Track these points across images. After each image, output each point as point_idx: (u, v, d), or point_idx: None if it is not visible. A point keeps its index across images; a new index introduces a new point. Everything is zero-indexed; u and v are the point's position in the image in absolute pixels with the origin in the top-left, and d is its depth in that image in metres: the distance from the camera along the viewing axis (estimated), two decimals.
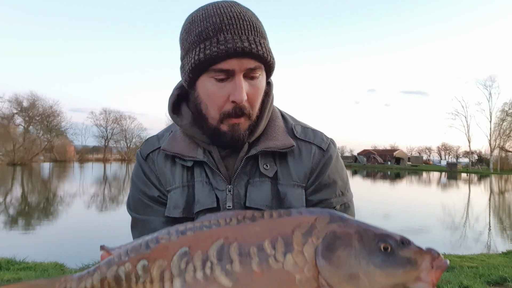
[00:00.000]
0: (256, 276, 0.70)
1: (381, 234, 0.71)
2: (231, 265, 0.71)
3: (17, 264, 5.97)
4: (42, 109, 63.17)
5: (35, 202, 16.99)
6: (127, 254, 0.77)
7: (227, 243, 0.73)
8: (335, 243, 0.71)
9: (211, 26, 0.96)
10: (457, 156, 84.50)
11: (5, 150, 53.63)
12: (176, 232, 0.76)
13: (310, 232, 0.72)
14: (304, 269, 0.70)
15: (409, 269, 0.68)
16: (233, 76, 0.96)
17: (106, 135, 76.71)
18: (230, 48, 0.93)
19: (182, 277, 0.72)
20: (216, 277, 0.71)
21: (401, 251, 0.70)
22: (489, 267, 5.86)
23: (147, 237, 0.78)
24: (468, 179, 44.03)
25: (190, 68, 0.99)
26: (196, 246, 0.74)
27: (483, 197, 23.52)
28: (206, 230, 0.75)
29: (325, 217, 0.74)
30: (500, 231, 11.79)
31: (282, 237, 0.72)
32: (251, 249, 0.72)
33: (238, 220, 0.76)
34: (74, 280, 0.80)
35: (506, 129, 58.97)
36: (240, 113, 0.98)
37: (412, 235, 4.64)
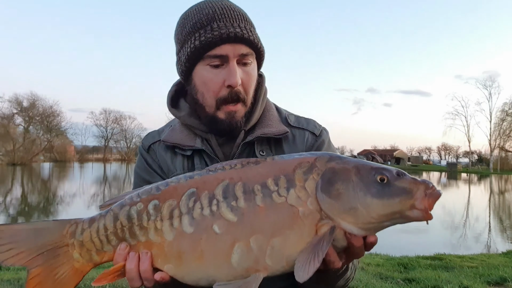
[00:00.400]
0: (260, 211, 0.74)
1: (377, 168, 0.75)
2: (236, 202, 0.75)
3: None
4: (42, 109, 63.32)
5: (35, 202, 16.98)
6: (139, 196, 0.82)
7: (232, 183, 0.78)
8: (334, 177, 0.75)
9: (205, 16, 1.02)
10: (457, 156, 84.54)
11: (5, 150, 53.64)
12: (184, 177, 0.82)
13: (311, 170, 0.77)
14: (307, 202, 0.74)
15: (404, 197, 0.72)
16: (227, 62, 1.01)
17: (106, 135, 76.81)
18: (224, 33, 0.98)
19: (190, 214, 0.77)
20: (222, 213, 0.75)
21: (396, 182, 0.73)
22: (489, 267, 5.86)
23: (158, 183, 0.84)
24: (468, 179, 44.02)
25: (187, 57, 1.03)
26: (203, 187, 0.79)
27: (483, 197, 23.52)
28: (212, 174, 0.81)
29: (324, 157, 0.79)
30: (500, 231, 11.79)
31: (284, 175, 0.77)
32: (255, 187, 0.76)
33: (242, 165, 0.81)
34: (86, 222, 0.83)
35: (506, 129, 58.94)
36: (236, 97, 1.02)
37: (412, 235, 4.67)
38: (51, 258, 0.81)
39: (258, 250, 0.73)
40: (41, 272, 0.80)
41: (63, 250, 0.82)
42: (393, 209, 0.73)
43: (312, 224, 0.74)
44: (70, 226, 0.82)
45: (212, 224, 0.75)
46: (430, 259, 6.61)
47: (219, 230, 0.75)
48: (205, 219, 0.76)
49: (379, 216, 0.73)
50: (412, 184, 0.73)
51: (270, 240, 0.73)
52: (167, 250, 0.77)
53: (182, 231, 0.77)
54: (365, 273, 5.25)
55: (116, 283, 4.51)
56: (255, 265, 0.74)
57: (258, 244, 0.73)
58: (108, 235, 0.81)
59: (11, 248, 0.80)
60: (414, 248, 7.53)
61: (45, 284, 0.80)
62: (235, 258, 0.74)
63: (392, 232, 10.40)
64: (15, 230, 0.82)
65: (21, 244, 0.80)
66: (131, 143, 77.62)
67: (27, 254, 0.80)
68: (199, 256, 0.76)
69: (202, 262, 0.75)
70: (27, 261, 0.80)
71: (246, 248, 0.73)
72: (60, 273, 0.81)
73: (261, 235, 0.73)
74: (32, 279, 0.80)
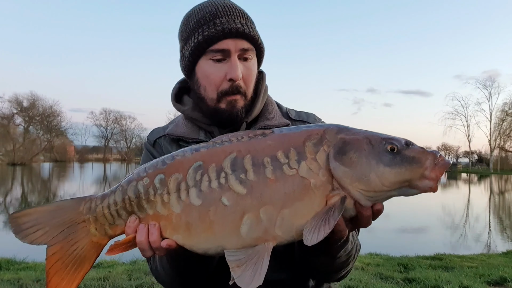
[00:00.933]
0: (270, 183, 0.75)
1: (387, 137, 0.78)
2: (245, 174, 0.76)
3: (17, 264, 5.97)
4: (42, 109, 63.29)
5: (35, 202, 16.97)
6: (145, 171, 0.84)
7: (240, 156, 0.78)
8: (346, 147, 0.76)
9: (208, 14, 1.07)
10: (457, 156, 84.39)
11: (5, 150, 53.67)
12: (190, 150, 0.83)
13: (321, 142, 0.78)
14: (319, 173, 0.75)
15: (414, 166, 0.74)
16: (229, 57, 1.05)
17: (106, 135, 76.79)
18: (226, 29, 1.03)
19: (197, 187, 0.78)
20: (230, 185, 0.76)
21: (406, 151, 0.75)
22: (489, 267, 5.87)
23: (163, 156, 0.85)
24: (468, 179, 44.04)
25: (190, 51, 1.07)
26: (209, 160, 0.79)
27: (483, 197, 23.52)
28: (219, 146, 0.81)
29: (333, 129, 0.80)
30: (500, 231, 11.79)
31: (294, 147, 0.78)
32: (264, 159, 0.77)
33: (249, 137, 0.81)
34: (99, 198, 0.86)
35: (506, 129, 58.89)
36: (236, 90, 1.06)
37: (412, 235, 4.67)
38: (71, 234, 0.84)
39: (268, 221, 0.75)
40: (61, 248, 0.84)
41: (81, 226, 0.85)
42: (404, 177, 0.74)
43: (323, 195, 0.75)
44: (85, 203, 0.86)
45: (220, 197, 0.76)
46: (430, 259, 6.62)
47: (228, 202, 0.76)
48: (213, 191, 0.77)
49: (390, 184, 0.74)
50: (422, 153, 0.75)
51: (280, 211, 0.75)
52: (175, 221, 0.79)
53: (189, 204, 0.78)
54: (365, 273, 5.25)
55: (115, 283, 4.52)
56: (264, 235, 0.75)
57: (268, 215, 0.75)
58: (118, 210, 0.84)
59: (37, 230, 0.84)
60: (414, 248, 7.53)
61: (65, 259, 0.83)
62: (244, 229, 0.75)
63: (392, 232, 10.43)
64: (39, 212, 0.86)
65: (45, 224, 0.84)
66: (131, 143, 77.65)
67: (50, 232, 0.84)
68: (207, 227, 0.77)
69: (210, 233, 0.77)
70: (50, 239, 0.84)
71: (255, 219, 0.75)
72: (79, 248, 0.85)
73: (271, 206, 0.75)
74: (52, 255, 0.83)
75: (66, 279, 0.84)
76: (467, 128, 61.20)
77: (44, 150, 64.94)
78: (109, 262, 5.87)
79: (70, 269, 0.84)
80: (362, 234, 1.17)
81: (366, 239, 9.63)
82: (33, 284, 4.52)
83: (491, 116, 60.06)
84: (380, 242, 8.34)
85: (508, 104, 58.82)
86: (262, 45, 1.12)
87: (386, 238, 9.51)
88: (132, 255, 6.08)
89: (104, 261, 5.86)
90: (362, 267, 5.59)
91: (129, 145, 77.36)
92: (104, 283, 4.51)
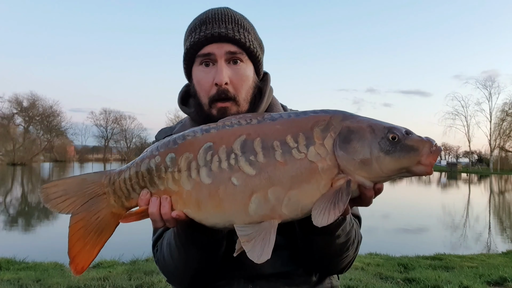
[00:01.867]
0: (279, 165, 0.80)
1: (389, 127, 0.83)
2: (255, 157, 0.81)
3: (17, 264, 5.97)
4: (42, 109, 63.29)
5: (35, 202, 16.97)
6: (157, 149, 0.89)
7: (250, 138, 0.82)
8: (350, 135, 0.82)
9: (198, 21, 1.12)
10: (457, 156, 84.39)
11: (5, 150, 53.68)
12: (200, 130, 0.87)
13: (328, 128, 0.83)
14: (326, 158, 0.80)
15: (412, 154, 0.80)
16: (216, 61, 1.08)
17: (106, 135, 76.75)
18: (208, 34, 1.08)
19: (208, 167, 0.82)
20: (240, 166, 0.80)
21: (406, 140, 0.81)
22: (489, 267, 5.88)
23: (174, 135, 0.89)
24: (468, 179, 44.04)
25: (183, 57, 1.14)
26: (220, 142, 0.83)
27: (483, 197, 23.52)
28: (229, 128, 0.85)
29: (338, 115, 0.85)
30: (500, 231, 11.79)
31: (303, 132, 0.82)
32: (274, 143, 0.81)
33: (258, 120, 0.85)
34: (116, 173, 0.92)
35: (506, 129, 58.80)
36: (224, 96, 1.07)
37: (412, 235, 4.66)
38: (93, 204, 0.91)
39: (275, 201, 0.79)
40: (84, 217, 0.90)
41: (102, 197, 0.91)
42: (402, 164, 0.80)
43: (329, 178, 0.80)
44: (106, 177, 0.92)
45: (230, 177, 0.80)
46: (430, 259, 6.62)
47: (237, 182, 0.80)
48: (223, 171, 0.81)
49: (389, 170, 0.80)
50: (419, 142, 0.81)
51: (287, 192, 0.79)
52: (185, 197, 0.84)
53: (200, 182, 0.82)
54: (365, 273, 5.25)
55: (115, 283, 4.52)
56: (271, 213, 0.80)
57: (275, 195, 0.79)
58: (132, 184, 0.90)
59: (65, 199, 0.91)
60: (414, 248, 7.53)
61: (89, 226, 0.90)
62: (252, 207, 0.80)
63: (392, 232, 10.42)
64: (66, 183, 0.93)
65: (71, 194, 0.91)
66: (131, 143, 77.63)
67: (76, 202, 0.91)
68: (217, 204, 0.82)
69: (220, 209, 0.82)
70: (76, 208, 0.90)
71: (263, 198, 0.79)
72: (101, 217, 0.91)
73: (279, 187, 0.79)
74: (76, 223, 0.90)
75: (89, 245, 0.90)
76: (467, 128, 61.16)
77: (44, 150, 64.95)
78: (109, 262, 5.88)
79: (92, 237, 0.90)
80: (362, 235, 1.17)
81: (366, 239, 9.50)
82: (33, 284, 4.52)
83: (491, 116, 60.03)
84: (380, 242, 8.34)
85: (508, 104, 58.80)
86: (253, 49, 1.12)
87: (386, 238, 9.51)
88: (132, 255, 6.09)
89: (104, 261, 5.87)
90: (362, 267, 5.59)
91: (129, 145, 77.34)
92: (104, 283, 4.51)
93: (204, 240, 0.97)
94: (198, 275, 1.06)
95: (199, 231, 0.93)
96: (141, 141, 75.18)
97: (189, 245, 0.99)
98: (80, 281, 4.57)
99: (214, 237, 0.97)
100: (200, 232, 0.93)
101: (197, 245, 0.98)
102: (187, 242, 0.98)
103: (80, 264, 0.90)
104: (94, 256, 0.91)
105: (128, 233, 1.16)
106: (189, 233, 0.96)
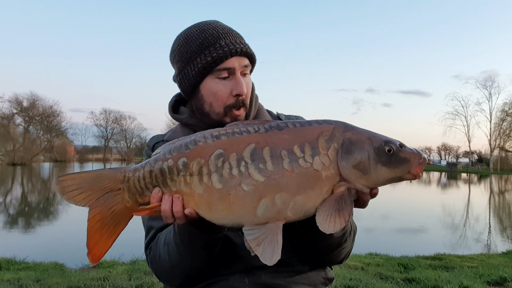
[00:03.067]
0: (287, 173, 0.87)
1: (386, 140, 0.91)
2: (264, 165, 0.87)
3: (17, 264, 5.97)
4: (42, 109, 63.29)
5: (35, 202, 17.00)
6: (170, 152, 0.94)
7: (259, 146, 0.89)
8: (351, 147, 0.90)
9: (210, 36, 1.18)
10: (457, 156, 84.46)
11: (5, 150, 53.68)
12: (211, 136, 0.93)
13: (332, 139, 0.90)
14: (330, 167, 0.88)
15: (405, 166, 0.90)
16: (233, 74, 1.17)
17: (106, 135, 76.82)
18: (232, 49, 1.16)
19: (219, 173, 0.88)
20: (250, 173, 0.87)
21: (400, 153, 0.90)
22: (489, 267, 5.88)
23: (186, 139, 0.95)
24: (468, 179, 44.05)
25: (197, 71, 1.17)
26: (230, 149, 0.89)
27: (483, 197, 23.53)
28: (238, 136, 0.91)
29: (340, 127, 0.93)
30: (500, 231, 11.79)
31: (309, 142, 0.89)
32: (282, 152, 0.88)
33: (266, 129, 0.92)
34: (131, 171, 0.98)
35: (506, 129, 58.81)
36: (242, 104, 1.18)
37: (412, 235, 4.67)
38: (110, 199, 0.97)
39: (282, 205, 0.87)
40: (101, 211, 0.96)
41: (117, 193, 0.97)
42: (396, 174, 0.90)
43: (331, 184, 0.88)
44: (120, 174, 0.98)
45: (240, 183, 0.87)
46: (430, 259, 6.62)
47: (247, 188, 0.87)
48: (233, 178, 0.87)
49: (385, 179, 0.90)
50: (411, 155, 0.90)
51: (294, 197, 0.87)
52: (197, 199, 0.91)
53: (211, 186, 0.89)
54: (365, 273, 5.25)
55: (115, 283, 4.51)
56: (277, 216, 0.87)
57: (282, 200, 0.86)
58: (146, 183, 0.95)
59: (81, 192, 0.96)
60: (414, 248, 7.53)
61: (105, 219, 0.96)
62: (260, 210, 0.87)
63: (392, 232, 10.42)
64: (82, 177, 0.98)
65: (87, 188, 0.96)
66: (131, 143, 77.71)
67: (92, 196, 0.96)
68: (227, 207, 0.88)
69: (230, 212, 0.88)
70: (92, 202, 0.96)
71: (271, 203, 0.86)
72: (116, 211, 0.97)
73: (286, 193, 0.86)
74: (93, 217, 0.96)
75: (105, 236, 0.96)
76: (467, 128, 61.18)
77: (44, 150, 64.95)
78: (109, 262, 5.88)
79: (108, 229, 0.97)
80: (362, 235, 1.19)
81: (366, 239, 9.59)
82: (33, 284, 4.52)
83: (491, 116, 60.05)
84: (380, 242, 8.34)
85: (508, 104, 58.81)
86: (256, 60, 1.25)
87: (386, 238, 9.51)
88: (132, 255, 6.08)
89: (104, 261, 5.86)
90: (362, 267, 5.59)
91: (129, 145, 77.42)
92: (104, 283, 4.51)
93: (204, 238, 1.01)
94: (192, 273, 1.11)
95: (201, 229, 0.99)
96: (141, 141, 75.28)
97: (188, 243, 1.03)
98: (80, 281, 4.57)
99: (213, 237, 1.02)
100: (201, 230, 0.99)
101: (196, 243, 1.03)
102: (187, 240, 1.03)
103: (97, 253, 0.97)
104: (109, 246, 0.97)
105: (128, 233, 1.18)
106: (192, 232, 1.01)
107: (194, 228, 0.99)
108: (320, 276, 1.20)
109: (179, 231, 1.04)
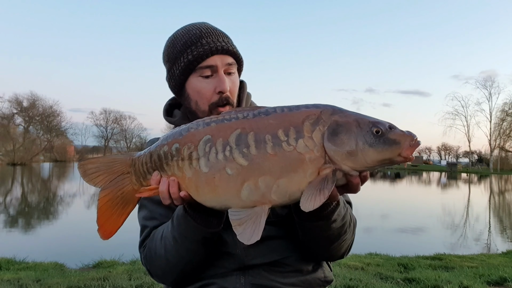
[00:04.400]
0: (270, 157, 0.88)
1: (374, 121, 0.89)
2: (248, 149, 0.89)
3: (17, 264, 5.98)
4: (42, 109, 63.12)
5: (35, 202, 17.00)
6: (167, 139, 1.01)
7: (244, 132, 0.90)
8: (338, 129, 0.88)
9: (193, 36, 1.21)
10: (457, 156, 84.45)
11: (5, 150, 53.65)
12: (203, 123, 0.97)
13: (317, 122, 0.89)
14: (314, 150, 0.88)
15: (394, 147, 0.87)
16: (217, 72, 1.19)
17: (106, 135, 76.70)
18: (213, 47, 1.19)
19: (206, 157, 0.92)
20: (234, 157, 0.89)
21: (389, 134, 0.87)
22: (489, 267, 5.88)
23: (183, 126, 1.00)
24: (468, 179, 44.04)
25: (181, 70, 1.21)
26: (217, 135, 0.92)
27: (483, 197, 23.53)
28: (227, 122, 0.94)
29: (328, 110, 0.92)
30: (500, 231, 11.79)
31: (294, 126, 0.89)
32: (266, 137, 0.89)
33: (254, 114, 0.93)
34: (137, 157, 1.06)
35: (506, 129, 58.81)
36: (226, 101, 1.20)
37: (412, 235, 4.67)
38: (119, 181, 1.05)
39: (265, 188, 0.88)
40: (111, 191, 1.05)
41: (127, 176, 1.05)
42: (384, 156, 0.87)
43: (316, 167, 0.88)
44: (129, 159, 1.06)
45: (225, 167, 0.90)
46: (430, 259, 6.62)
47: (231, 172, 0.89)
48: (219, 162, 0.90)
49: (373, 161, 0.87)
50: (400, 136, 0.87)
51: (276, 180, 0.87)
52: (187, 182, 0.96)
53: (199, 170, 0.93)
54: (365, 273, 5.25)
55: (115, 283, 4.52)
56: (261, 199, 0.89)
57: (265, 184, 0.88)
58: (147, 167, 1.02)
59: (98, 175, 1.05)
60: (414, 248, 7.54)
61: (115, 199, 1.04)
62: (244, 193, 0.89)
63: (392, 232, 10.43)
64: (100, 161, 1.07)
65: (104, 171, 1.05)
66: (131, 143, 77.53)
67: (106, 178, 1.05)
68: (212, 190, 0.92)
69: (215, 194, 0.92)
70: (106, 183, 1.05)
71: (254, 186, 0.88)
72: (125, 192, 1.05)
73: (269, 176, 0.87)
74: (104, 196, 1.04)
75: (115, 215, 1.04)
76: (467, 128, 61.18)
77: (44, 150, 64.87)
78: (109, 262, 5.88)
79: (118, 208, 1.04)
80: (362, 235, 1.19)
81: (366, 239, 9.56)
82: (33, 284, 4.52)
83: (491, 116, 60.06)
84: (380, 242, 8.34)
85: (508, 104, 58.81)
86: (242, 59, 1.28)
87: (386, 238, 9.51)
88: (132, 255, 6.08)
89: (104, 261, 5.87)
90: (362, 267, 5.59)
91: (129, 145, 77.26)
92: (104, 283, 4.51)
93: (201, 231, 1.04)
94: (187, 270, 1.12)
95: (198, 222, 1.03)
96: (141, 141, 75.15)
97: (186, 236, 1.06)
98: (80, 281, 4.57)
99: (209, 231, 1.05)
100: (198, 223, 1.03)
101: (193, 237, 1.06)
102: (185, 233, 1.06)
103: (108, 230, 1.03)
104: (120, 224, 1.04)
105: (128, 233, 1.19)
106: (189, 225, 1.04)
107: (192, 221, 1.03)
108: (318, 277, 1.20)
109: (178, 224, 1.07)
